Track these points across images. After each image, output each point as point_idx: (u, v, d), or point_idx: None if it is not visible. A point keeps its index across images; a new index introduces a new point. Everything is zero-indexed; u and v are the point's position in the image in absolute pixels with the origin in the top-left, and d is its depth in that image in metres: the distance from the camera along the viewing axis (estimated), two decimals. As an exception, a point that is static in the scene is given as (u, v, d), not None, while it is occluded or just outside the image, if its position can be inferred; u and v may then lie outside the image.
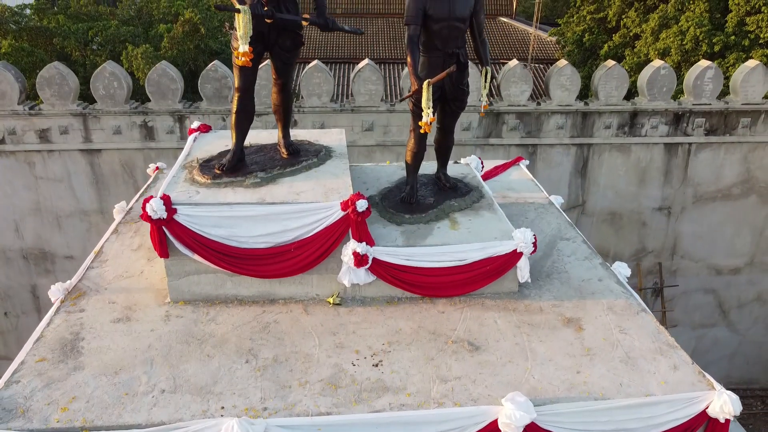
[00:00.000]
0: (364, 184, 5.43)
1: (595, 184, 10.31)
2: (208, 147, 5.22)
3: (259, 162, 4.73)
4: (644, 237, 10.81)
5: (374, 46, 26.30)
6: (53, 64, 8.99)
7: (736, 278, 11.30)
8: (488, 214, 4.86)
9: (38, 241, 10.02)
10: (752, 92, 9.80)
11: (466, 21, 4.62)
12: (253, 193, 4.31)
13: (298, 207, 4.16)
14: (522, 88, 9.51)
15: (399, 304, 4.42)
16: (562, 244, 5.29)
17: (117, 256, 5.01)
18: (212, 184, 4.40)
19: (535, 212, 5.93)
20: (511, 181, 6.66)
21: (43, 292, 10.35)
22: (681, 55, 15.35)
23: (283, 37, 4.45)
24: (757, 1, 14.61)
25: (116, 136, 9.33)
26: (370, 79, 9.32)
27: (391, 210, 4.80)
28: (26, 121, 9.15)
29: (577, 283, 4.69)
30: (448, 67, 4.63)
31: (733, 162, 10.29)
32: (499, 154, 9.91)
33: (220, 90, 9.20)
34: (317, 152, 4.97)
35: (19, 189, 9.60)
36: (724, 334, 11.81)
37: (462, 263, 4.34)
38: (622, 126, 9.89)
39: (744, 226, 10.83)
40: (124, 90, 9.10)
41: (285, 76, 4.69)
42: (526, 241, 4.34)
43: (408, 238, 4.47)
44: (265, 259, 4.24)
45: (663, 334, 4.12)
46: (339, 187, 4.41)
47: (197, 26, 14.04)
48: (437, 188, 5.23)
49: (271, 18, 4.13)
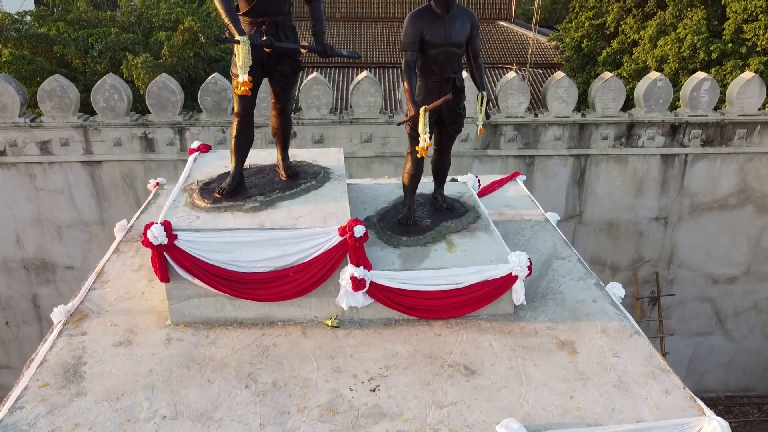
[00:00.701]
0: (363, 203, 5.51)
1: (593, 195, 10.38)
2: (208, 168, 5.29)
3: (259, 185, 4.80)
4: (641, 246, 10.89)
5: (373, 50, 26.37)
6: (54, 77, 9.06)
7: (733, 287, 11.37)
8: (484, 235, 4.93)
9: (39, 252, 10.08)
10: (748, 104, 9.87)
11: (463, 46, 4.69)
12: (252, 218, 4.37)
13: (297, 233, 4.23)
14: (519, 100, 9.58)
15: (396, 326, 4.49)
16: (558, 263, 5.36)
17: (118, 277, 5.08)
18: (212, 209, 4.46)
19: (532, 230, 6.00)
20: (507, 197, 6.73)
21: (44, 302, 10.46)
22: (678, 62, 15.44)
23: (282, 64, 4.52)
24: (754, 9, 14.69)
25: (117, 148, 9.40)
26: (368, 91, 9.38)
27: (389, 232, 4.87)
28: (27, 133, 9.22)
29: (571, 304, 4.76)
30: (444, 91, 4.71)
31: (730, 172, 10.36)
32: (497, 164, 9.98)
33: (219, 102, 9.27)
34: (316, 174, 5.04)
35: (20, 200, 9.66)
36: (720, 342, 11.88)
37: (458, 287, 4.41)
38: (619, 137, 9.96)
39: (740, 236, 10.90)
40: (124, 102, 9.17)
41: (284, 100, 4.76)
42: (521, 264, 4.41)
43: (405, 261, 4.54)
44: (265, 283, 4.31)
45: (656, 357, 4.19)
46: (337, 212, 4.48)
47: (197, 34, 14.11)
48: (434, 209, 5.30)
49: (270, 47, 4.20)
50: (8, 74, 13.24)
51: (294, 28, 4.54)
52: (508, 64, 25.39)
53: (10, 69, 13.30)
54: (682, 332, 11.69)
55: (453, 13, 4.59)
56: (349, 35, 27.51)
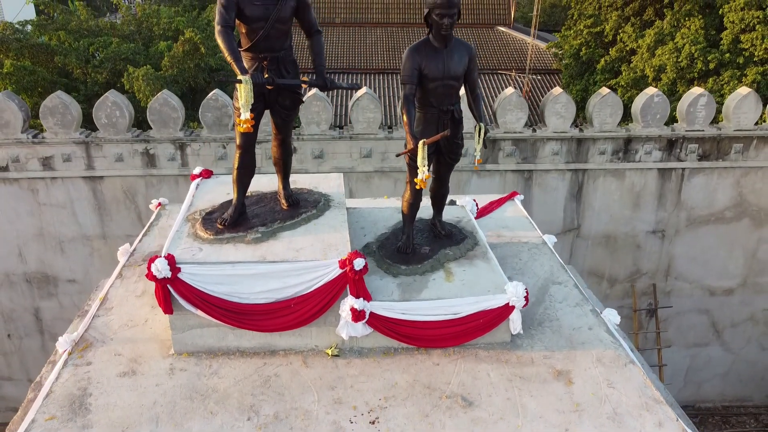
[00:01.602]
0: (362, 229, 5.58)
1: (590, 208, 10.47)
2: (210, 196, 5.37)
3: (260, 215, 4.88)
4: (639, 259, 10.98)
5: (373, 56, 26.46)
6: (56, 94, 9.14)
7: (729, 299, 11.47)
8: (482, 263, 5.01)
9: (41, 266, 10.16)
10: (744, 119, 9.96)
11: (461, 79, 4.77)
12: (254, 250, 4.45)
13: (298, 265, 4.31)
14: (518, 116, 9.67)
15: (395, 355, 4.57)
16: (554, 289, 5.45)
17: (122, 303, 5.15)
18: (214, 240, 4.54)
19: (529, 253, 6.09)
20: (506, 218, 6.82)
21: (46, 315, 10.54)
22: (676, 72, 15.51)
23: (283, 97, 4.61)
24: (751, 20, 14.78)
25: (118, 164, 9.48)
26: (368, 107, 9.47)
27: (388, 260, 4.95)
28: (30, 149, 9.30)
29: (567, 331, 4.84)
30: (443, 122, 4.80)
31: (726, 186, 10.46)
32: (495, 179, 10.07)
33: (220, 118, 9.35)
34: (316, 202, 5.12)
35: (23, 215, 9.75)
36: (717, 353, 11.98)
37: (456, 317, 4.49)
38: (617, 152, 10.05)
39: (737, 249, 11.00)
40: (126, 119, 9.25)
41: (285, 132, 4.85)
42: (518, 295, 4.50)
43: (404, 291, 4.62)
44: (266, 314, 4.39)
45: (650, 388, 4.27)
46: (337, 243, 4.56)
47: (197, 45, 14.18)
48: (433, 235, 5.38)
49: (272, 85, 4.28)
50: (10, 85, 13.40)
51: (295, 62, 4.62)
52: (506, 70, 25.49)
53: (11, 80, 13.38)
54: (680, 343, 11.79)
55: (451, 47, 4.67)
56: (349, 40, 27.60)
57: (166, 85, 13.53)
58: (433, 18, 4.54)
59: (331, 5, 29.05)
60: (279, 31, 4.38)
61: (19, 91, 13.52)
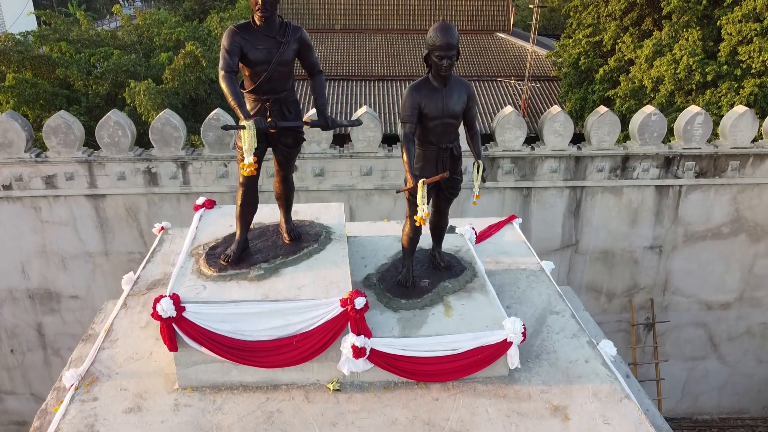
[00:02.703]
0: (363, 259, 5.67)
1: (588, 224, 10.56)
2: (213, 228, 5.47)
3: (263, 250, 4.97)
4: (636, 274, 11.07)
5: (372, 62, 26.56)
6: (59, 114, 9.22)
7: (726, 313, 11.57)
8: (480, 296, 5.10)
9: (44, 282, 10.25)
10: (741, 137, 10.05)
11: (459, 117, 4.86)
12: (257, 287, 4.54)
13: (300, 304, 4.41)
14: (516, 134, 9.76)
15: (395, 389, 4.66)
16: (552, 319, 5.54)
17: (126, 335, 5.24)
18: (218, 277, 4.63)
19: (527, 280, 6.18)
20: (504, 243, 6.91)
21: (48, 330, 10.64)
22: (674, 83, 15.61)
23: (285, 136, 4.70)
24: (749, 32, 14.87)
25: (120, 182, 9.57)
26: (368, 126, 9.55)
27: (389, 294, 5.04)
28: (33, 168, 9.38)
29: (564, 364, 4.93)
30: (442, 159, 4.90)
31: (723, 203, 10.55)
32: (494, 196, 10.17)
33: (222, 137, 9.44)
34: (317, 236, 5.21)
35: (26, 232, 9.83)
36: (714, 366, 12.08)
37: (455, 352, 4.58)
38: (614, 169, 10.14)
39: (733, 264, 11.09)
40: (128, 138, 9.34)
41: (287, 169, 4.94)
42: (516, 331, 4.59)
43: (404, 327, 4.71)
44: (269, 351, 4.48)
45: (644, 424, 4.36)
46: (338, 280, 4.65)
47: (198, 59, 14.28)
48: (432, 266, 5.46)
49: (275, 128, 4.37)
50: (12, 98, 13.49)
51: (296, 101, 4.71)
52: (506, 76, 25.60)
53: (13, 93, 13.47)
54: (677, 356, 11.89)
55: (450, 86, 4.75)
56: (348, 47, 27.69)
57: (168, 98, 13.63)
58: (433, 59, 4.63)
59: (331, 12, 29.17)
60: (281, 73, 4.47)
61: (21, 104, 13.61)
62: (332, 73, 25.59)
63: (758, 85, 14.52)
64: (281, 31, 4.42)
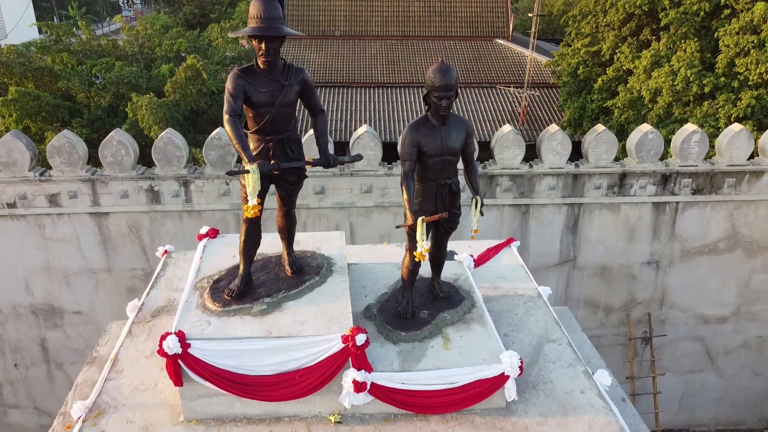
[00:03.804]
0: (363, 288, 5.78)
1: (586, 240, 10.68)
2: (216, 260, 5.57)
3: (265, 283, 5.08)
4: (634, 289, 11.19)
5: (372, 69, 26.67)
6: (63, 134, 9.33)
7: (723, 327, 11.68)
8: (479, 328, 5.21)
9: (47, 298, 10.36)
10: (737, 154, 10.17)
11: (458, 154, 4.97)
12: (260, 323, 4.65)
13: (302, 340, 4.52)
14: (515, 153, 9.87)
15: (395, 421, 4.77)
16: (549, 348, 5.65)
17: (132, 365, 5.34)
18: (222, 313, 4.75)
19: (524, 307, 6.29)
20: (502, 267, 7.01)
21: (52, 345, 10.75)
22: (672, 95, 15.72)
23: (288, 174, 4.80)
24: (746, 45, 14.99)
25: (123, 200, 9.67)
26: (368, 145, 9.66)
27: (388, 326, 5.15)
28: (37, 186, 9.49)
29: (561, 395, 5.04)
30: (441, 195, 5.02)
31: (719, 219, 10.67)
32: (492, 213, 10.27)
33: (223, 156, 9.55)
34: (319, 268, 5.32)
35: (30, 249, 9.94)
36: (711, 378, 12.19)
37: (453, 386, 4.69)
38: (612, 186, 10.25)
39: (730, 278, 11.21)
40: (131, 157, 9.44)
41: (289, 204, 5.05)
42: (513, 366, 4.70)
43: (403, 360, 4.83)
44: (272, 385, 4.59)
45: (638, 457, 4.47)
46: (340, 315, 4.76)
47: (199, 72, 14.39)
48: (431, 297, 5.57)
49: (278, 170, 4.48)
50: (14, 111, 13.60)
51: (299, 140, 4.83)
52: (505, 83, 25.72)
53: (16, 106, 13.58)
54: (674, 369, 12.00)
55: (448, 124, 4.86)
56: (348, 53, 27.80)
57: (169, 111, 13.74)
58: (432, 99, 4.74)
59: (331, 18, 29.28)
60: (284, 114, 4.58)
61: (24, 116, 13.72)
62: (332, 79, 25.70)
63: (755, 97, 14.63)
64: (284, 74, 4.53)
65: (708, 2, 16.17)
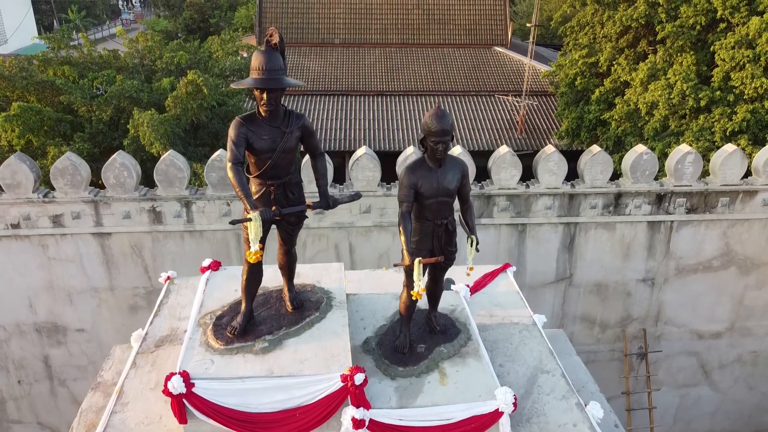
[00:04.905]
0: (362, 320, 5.92)
1: (582, 259, 10.83)
2: (219, 294, 5.72)
3: (267, 320, 5.22)
4: (629, 306, 11.34)
5: (371, 77, 26.83)
6: (66, 156, 9.47)
7: (717, 342, 11.84)
8: (474, 363, 5.35)
9: (50, 316, 10.50)
10: (730, 174, 10.32)
11: (454, 195, 5.11)
12: (262, 362, 4.80)
13: (303, 380, 4.66)
14: (512, 173, 10.02)
15: (393, 455, 4.91)
16: (543, 379, 5.79)
17: (137, 398, 5.47)
18: (225, 351, 4.89)
19: (519, 336, 6.43)
20: (498, 294, 7.15)
21: (55, 362, 10.90)
22: (668, 108, 15.88)
23: (289, 215, 4.95)
24: (741, 59, 15.14)
25: (126, 221, 9.82)
26: (367, 166, 9.81)
27: (386, 361, 5.29)
28: (40, 207, 9.63)
29: (554, 429, 5.18)
30: (437, 234, 5.16)
31: (713, 237, 10.82)
32: (490, 232, 10.42)
33: (224, 178, 9.68)
34: (318, 303, 5.47)
35: (33, 269, 10.08)
36: (706, 392, 12.35)
37: (449, 422, 4.84)
38: (607, 206, 10.41)
39: (724, 295, 11.36)
40: (133, 179, 9.59)
41: (290, 243, 5.20)
42: (507, 402, 4.85)
43: (401, 396, 4.97)
44: (273, 422, 4.74)
45: (628, 493, 4.62)
46: (339, 353, 4.91)
47: (200, 87, 14.52)
48: (428, 329, 5.72)
49: (279, 216, 4.62)
50: (17, 126, 13.73)
51: (299, 183, 4.98)
52: (503, 92, 25.88)
53: (18, 121, 13.71)
54: (670, 383, 12.16)
55: (444, 166, 5.01)
56: (348, 61, 27.96)
57: (170, 127, 13.88)
58: (429, 144, 4.88)
59: (331, 26, 29.43)
60: (285, 160, 4.72)
61: (26, 131, 13.85)
62: (331, 88, 25.87)
63: (751, 111, 14.80)
64: (285, 121, 4.67)
65: (704, 16, 16.33)
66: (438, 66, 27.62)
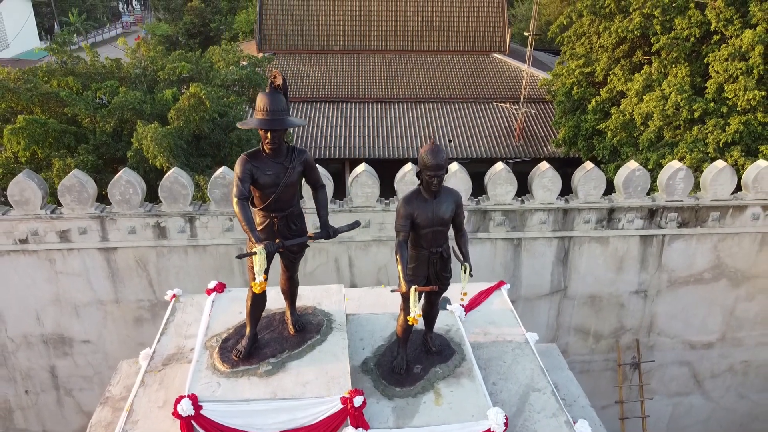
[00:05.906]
0: (361, 341, 6.18)
1: (576, 272, 11.09)
2: (224, 317, 5.98)
3: (270, 343, 5.49)
4: (622, 317, 11.60)
5: (371, 84, 27.10)
6: (73, 173, 9.72)
7: (709, 352, 12.10)
8: (468, 383, 5.62)
9: (57, 328, 10.76)
10: (721, 190, 10.58)
11: (448, 224, 5.38)
12: (266, 385, 5.06)
13: (305, 402, 4.93)
14: (507, 189, 10.28)
15: (390, 474, 5.17)
16: (534, 397, 6.05)
17: (146, 416, 5.71)
18: (231, 374, 5.15)
19: (512, 354, 6.68)
20: (492, 312, 7.40)
21: (61, 372, 11.15)
22: (663, 119, 16.15)
23: (291, 245, 5.21)
24: (734, 71, 15.41)
25: (131, 236, 10.07)
26: (366, 183, 10.06)
27: (384, 381, 5.55)
28: (48, 223, 9.88)
29: (543, 446, 5.45)
30: (432, 261, 5.42)
31: (705, 250, 11.08)
32: (486, 246, 10.68)
33: (227, 194, 9.94)
34: (319, 326, 5.73)
35: (40, 282, 10.34)
36: (698, 401, 12.61)
37: (443, 441, 5.10)
38: (601, 220, 10.66)
39: (715, 307, 11.62)
40: (138, 195, 9.84)
41: (292, 270, 5.46)
42: (498, 422, 5.11)
43: (398, 416, 5.23)
44: (277, 442, 5.00)
45: None
46: (339, 376, 5.17)
47: (202, 100, 14.78)
48: (425, 350, 5.98)
49: (282, 248, 4.88)
50: (22, 139, 13.98)
51: (301, 215, 5.24)
52: (501, 99, 26.15)
53: (24, 134, 13.96)
54: (662, 392, 12.42)
55: (439, 197, 5.27)
56: (348, 68, 28.22)
57: (173, 139, 14.13)
58: (424, 177, 5.14)
59: (330, 33, 29.68)
60: (288, 194, 4.99)
61: (31, 143, 14.10)
62: (331, 95, 26.15)
63: (744, 123, 15.07)
64: (288, 157, 4.94)
65: (698, 28, 16.60)
66: (437, 73, 27.88)
